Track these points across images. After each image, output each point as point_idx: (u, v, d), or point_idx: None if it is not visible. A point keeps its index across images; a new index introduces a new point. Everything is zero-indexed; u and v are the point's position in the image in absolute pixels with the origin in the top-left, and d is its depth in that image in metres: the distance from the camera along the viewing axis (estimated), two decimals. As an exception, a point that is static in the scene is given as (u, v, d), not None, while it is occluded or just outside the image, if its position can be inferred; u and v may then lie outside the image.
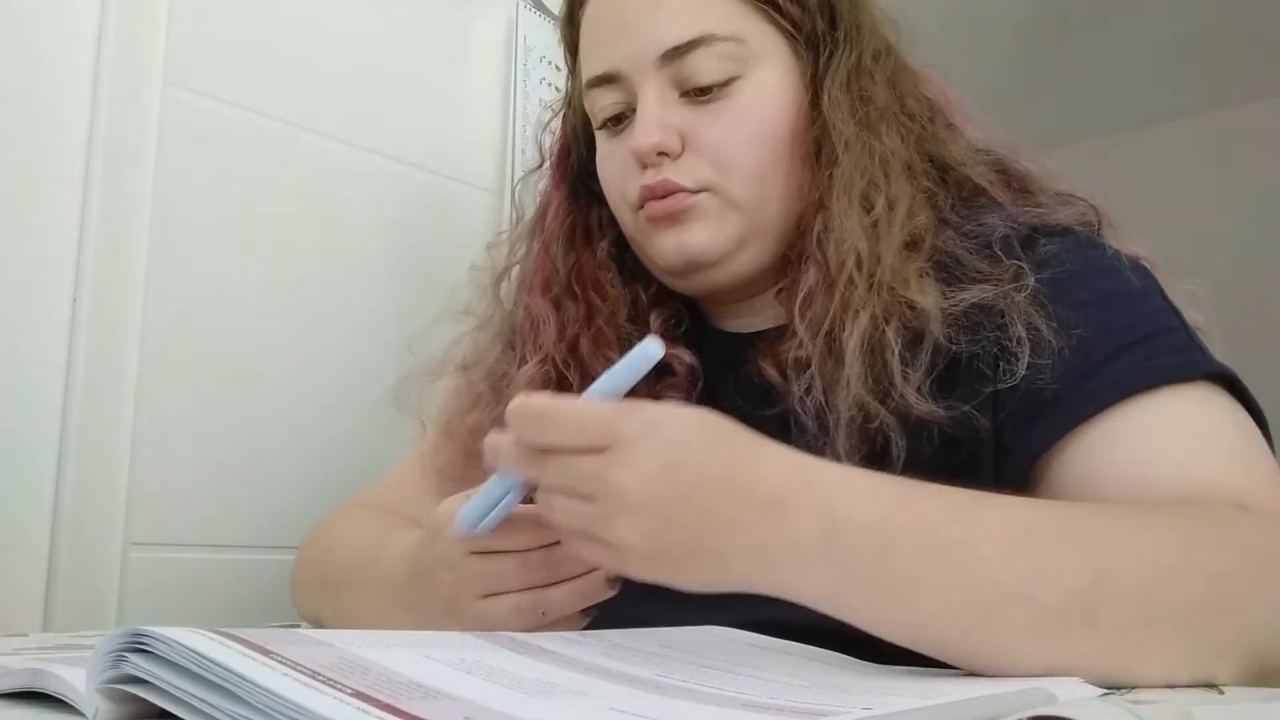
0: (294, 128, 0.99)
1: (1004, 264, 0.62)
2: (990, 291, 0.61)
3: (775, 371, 0.66)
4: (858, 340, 0.62)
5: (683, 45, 0.68)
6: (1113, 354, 0.58)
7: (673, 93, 0.69)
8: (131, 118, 0.87)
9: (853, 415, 0.61)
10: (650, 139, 0.68)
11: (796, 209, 0.69)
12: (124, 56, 0.87)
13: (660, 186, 0.69)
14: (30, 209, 0.82)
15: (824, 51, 0.70)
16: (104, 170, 0.85)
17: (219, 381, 0.92)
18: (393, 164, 1.07)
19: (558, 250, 0.79)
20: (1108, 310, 0.60)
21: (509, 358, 0.78)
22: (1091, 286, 0.61)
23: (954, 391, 0.60)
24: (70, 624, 0.81)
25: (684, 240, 0.69)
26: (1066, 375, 0.58)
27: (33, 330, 0.82)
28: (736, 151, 0.68)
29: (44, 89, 0.83)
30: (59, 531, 0.82)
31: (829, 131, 0.68)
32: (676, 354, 0.74)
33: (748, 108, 0.69)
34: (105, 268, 0.85)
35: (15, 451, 0.80)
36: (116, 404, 0.85)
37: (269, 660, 0.32)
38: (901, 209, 0.65)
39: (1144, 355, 0.57)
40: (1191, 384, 0.57)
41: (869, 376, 0.61)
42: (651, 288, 0.77)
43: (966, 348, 0.61)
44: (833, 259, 0.65)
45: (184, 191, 0.90)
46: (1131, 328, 0.59)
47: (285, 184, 0.98)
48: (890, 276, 0.63)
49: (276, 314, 0.97)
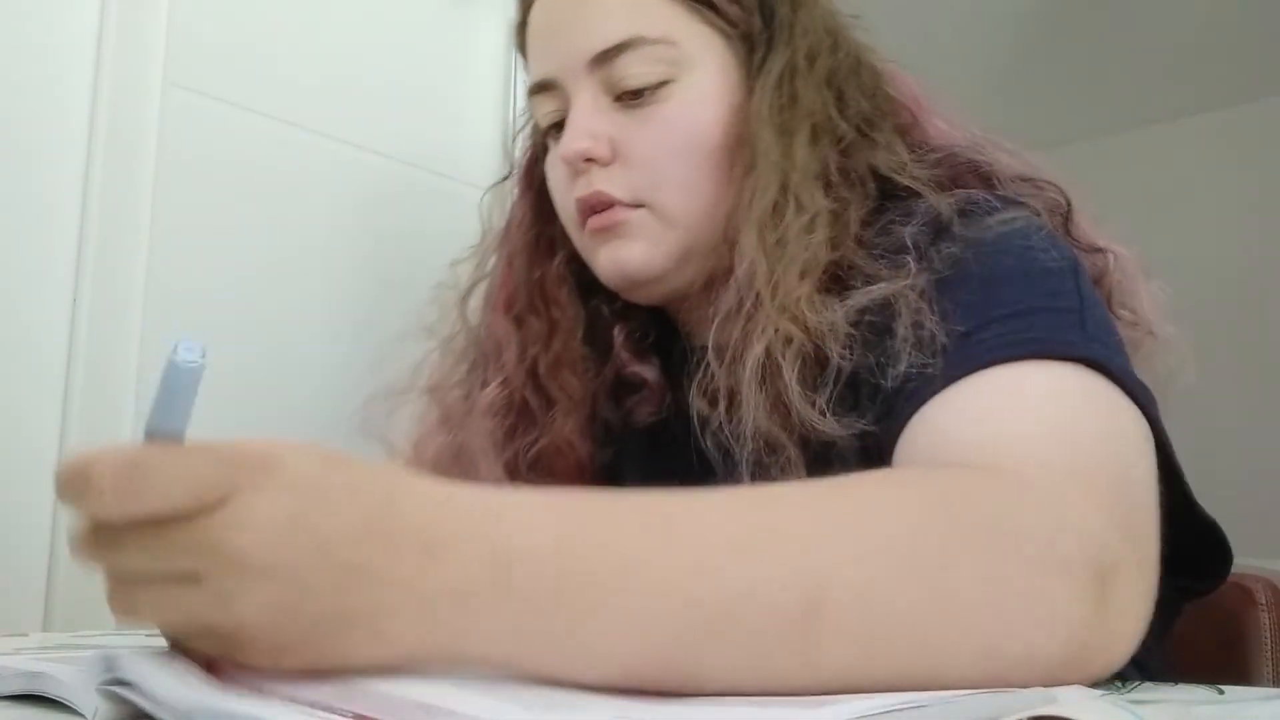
0: (294, 127, 0.99)
1: (906, 263, 0.59)
2: (884, 292, 0.58)
3: (701, 401, 0.63)
4: (753, 368, 0.59)
5: (611, 48, 0.66)
6: (981, 325, 0.54)
7: (605, 98, 0.67)
8: (131, 118, 0.87)
9: (756, 446, 0.58)
10: (576, 145, 0.66)
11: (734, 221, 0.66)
12: (124, 56, 0.87)
13: (593, 197, 0.67)
14: (30, 209, 0.82)
15: (758, 52, 0.68)
16: (104, 170, 0.85)
17: (219, 382, 0.92)
18: (394, 164, 1.07)
19: (521, 264, 0.77)
20: (993, 288, 0.56)
21: (474, 378, 0.77)
22: (987, 264, 0.58)
23: (858, 408, 0.58)
24: (70, 624, 0.81)
25: (619, 256, 0.68)
26: (940, 359, 0.54)
27: (33, 330, 0.82)
28: (667, 164, 0.66)
29: (44, 88, 0.83)
30: (59, 531, 0.82)
31: (749, 140, 0.65)
32: (640, 370, 0.73)
33: (678, 114, 0.66)
34: (105, 267, 0.85)
35: (15, 451, 0.80)
36: (116, 404, 0.85)
37: (265, 699, 0.31)
38: (802, 224, 0.63)
39: (1011, 330, 0.53)
40: (1059, 363, 0.52)
41: (768, 404, 0.59)
42: (615, 301, 0.75)
43: (862, 360, 0.58)
44: (742, 281, 0.62)
45: (184, 191, 0.90)
46: (1012, 302, 0.55)
47: (286, 183, 0.98)
48: (784, 297, 0.60)
49: (277, 313, 0.97)
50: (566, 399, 0.74)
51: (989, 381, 0.52)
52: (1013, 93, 2.42)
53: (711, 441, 0.62)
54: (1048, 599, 0.41)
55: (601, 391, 0.76)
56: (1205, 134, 2.57)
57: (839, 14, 0.73)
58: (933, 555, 0.40)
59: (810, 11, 0.70)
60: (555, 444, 0.74)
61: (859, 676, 0.39)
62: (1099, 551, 0.43)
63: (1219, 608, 0.75)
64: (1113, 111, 2.56)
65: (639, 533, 0.39)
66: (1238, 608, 0.77)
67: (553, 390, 0.74)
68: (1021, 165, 0.68)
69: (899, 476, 0.47)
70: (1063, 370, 0.51)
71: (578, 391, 0.75)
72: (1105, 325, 0.56)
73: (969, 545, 0.41)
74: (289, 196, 0.98)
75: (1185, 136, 2.59)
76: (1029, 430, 0.48)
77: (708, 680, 0.38)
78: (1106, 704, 0.34)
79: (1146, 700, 0.38)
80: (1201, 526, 0.58)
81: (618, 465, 0.77)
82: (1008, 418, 0.50)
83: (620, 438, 0.77)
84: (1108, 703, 0.35)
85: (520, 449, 0.74)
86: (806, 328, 0.59)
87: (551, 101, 0.70)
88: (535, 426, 0.74)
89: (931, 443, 0.52)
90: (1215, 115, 2.54)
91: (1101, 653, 0.42)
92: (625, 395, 0.76)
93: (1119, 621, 0.43)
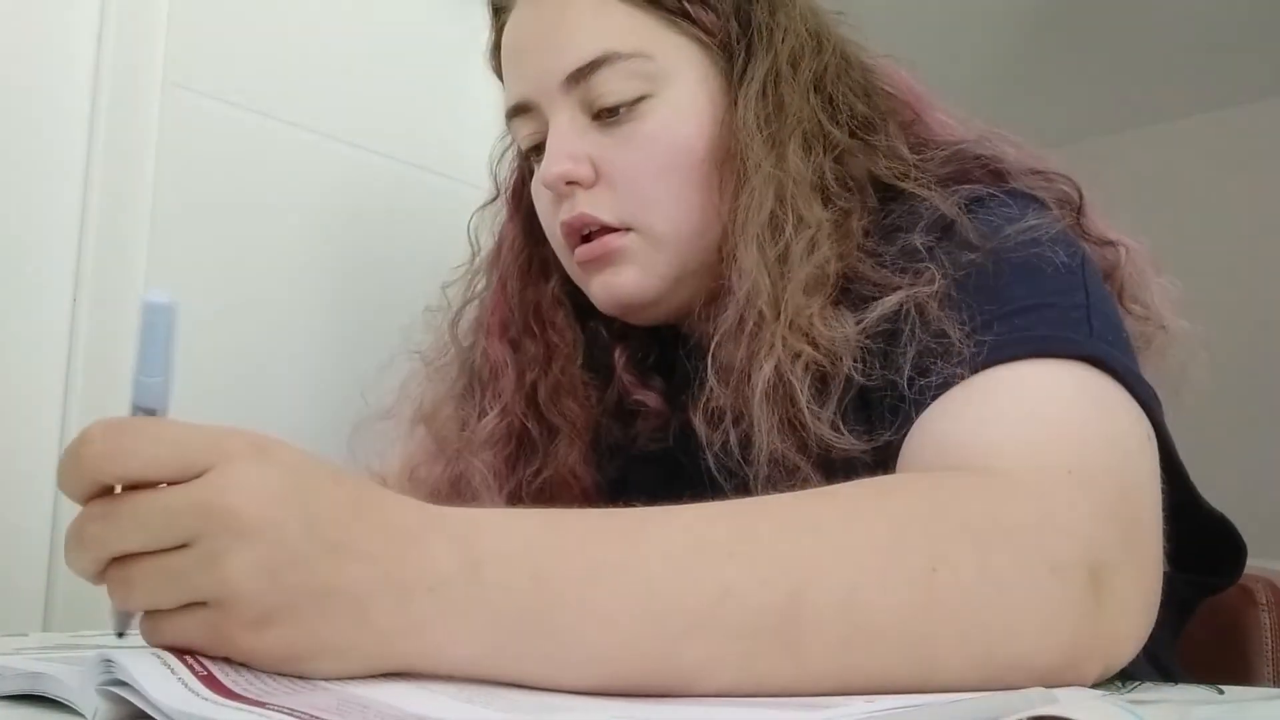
0: (294, 127, 0.99)
1: (917, 266, 0.58)
2: (896, 301, 0.57)
3: (702, 422, 0.61)
4: (763, 389, 0.57)
5: (585, 66, 0.64)
6: (985, 325, 0.53)
7: (583, 117, 0.65)
8: (131, 118, 0.87)
9: (770, 471, 0.57)
10: (556, 168, 0.64)
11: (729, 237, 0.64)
12: (124, 56, 0.87)
13: (578, 220, 0.65)
14: (30, 209, 0.82)
15: (738, 60, 0.65)
16: (104, 170, 0.85)
17: (219, 382, 0.92)
18: (394, 163, 1.07)
19: (514, 287, 0.75)
20: (999, 286, 0.55)
21: (469, 404, 0.75)
22: (994, 264, 0.57)
23: (873, 421, 0.56)
24: (70, 624, 0.81)
25: (612, 283, 0.66)
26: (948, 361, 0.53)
27: (33, 330, 0.82)
28: (652, 184, 0.64)
29: (44, 88, 0.83)
30: (59, 532, 0.82)
31: (739, 152, 0.63)
32: (643, 396, 0.71)
33: (659, 131, 0.64)
34: (105, 268, 0.85)
35: (15, 451, 0.80)
36: (116, 404, 0.85)
37: (265, 713, 0.31)
38: (805, 238, 0.60)
39: (1015, 328, 0.52)
40: (1062, 361, 0.51)
41: (780, 425, 0.57)
42: (614, 322, 0.73)
43: (880, 373, 0.57)
44: (741, 299, 0.60)
45: (184, 191, 0.90)
46: (1017, 300, 0.54)
47: (286, 183, 0.98)
48: (794, 314, 0.59)
49: (277, 313, 0.97)
50: (569, 426, 0.72)
51: (991, 382, 0.51)
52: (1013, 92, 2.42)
53: (716, 464, 0.60)
54: (1041, 601, 0.40)
55: (605, 415, 0.74)
56: (1205, 134, 2.57)
57: (821, 12, 0.70)
58: (919, 556, 0.40)
59: (789, 12, 0.67)
60: (560, 475, 0.72)
61: (846, 676, 0.38)
62: (1095, 552, 0.42)
63: (1219, 608, 0.75)
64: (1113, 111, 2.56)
65: (612, 537, 0.39)
66: (1238, 608, 0.77)
67: (554, 418, 0.72)
68: (1030, 158, 0.67)
69: (886, 482, 0.46)
70: (1066, 369, 0.51)
71: (580, 418, 0.73)
72: (1112, 323, 0.55)
73: (958, 547, 0.41)
74: (288, 196, 0.98)
75: (1185, 136, 2.59)
76: (1028, 432, 0.48)
77: (691, 682, 0.38)
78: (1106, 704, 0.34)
79: (1146, 700, 0.38)
80: (1211, 523, 0.58)
81: (624, 490, 0.75)
82: (1007, 419, 0.49)
83: (625, 461, 0.74)
84: (1108, 703, 0.35)
85: (523, 479, 0.72)
86: (817, 344, 0.58)
87: (530, 124, 0.68)
88: (537, 456, 0.72)
89: (932, 447, 0.51)
90: (1215, 115, 2.54)
91: (1099, 654, 0.42)
92: (629, 418, 0.74)
93: (1116, 622, 0.42)
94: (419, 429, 0.77)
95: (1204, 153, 2.55)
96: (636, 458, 0.74)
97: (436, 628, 0.37)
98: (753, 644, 0.38)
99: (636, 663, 0.37)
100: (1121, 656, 0.43)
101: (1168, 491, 0.50)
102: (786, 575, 0.39)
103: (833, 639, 0.38)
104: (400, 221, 1.07)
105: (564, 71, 0.65)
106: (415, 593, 0.36)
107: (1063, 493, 0.44)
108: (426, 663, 0.37)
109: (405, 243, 1.07)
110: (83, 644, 0.60)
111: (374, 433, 0.78)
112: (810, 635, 0.38)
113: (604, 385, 0.74)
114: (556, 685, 0.38)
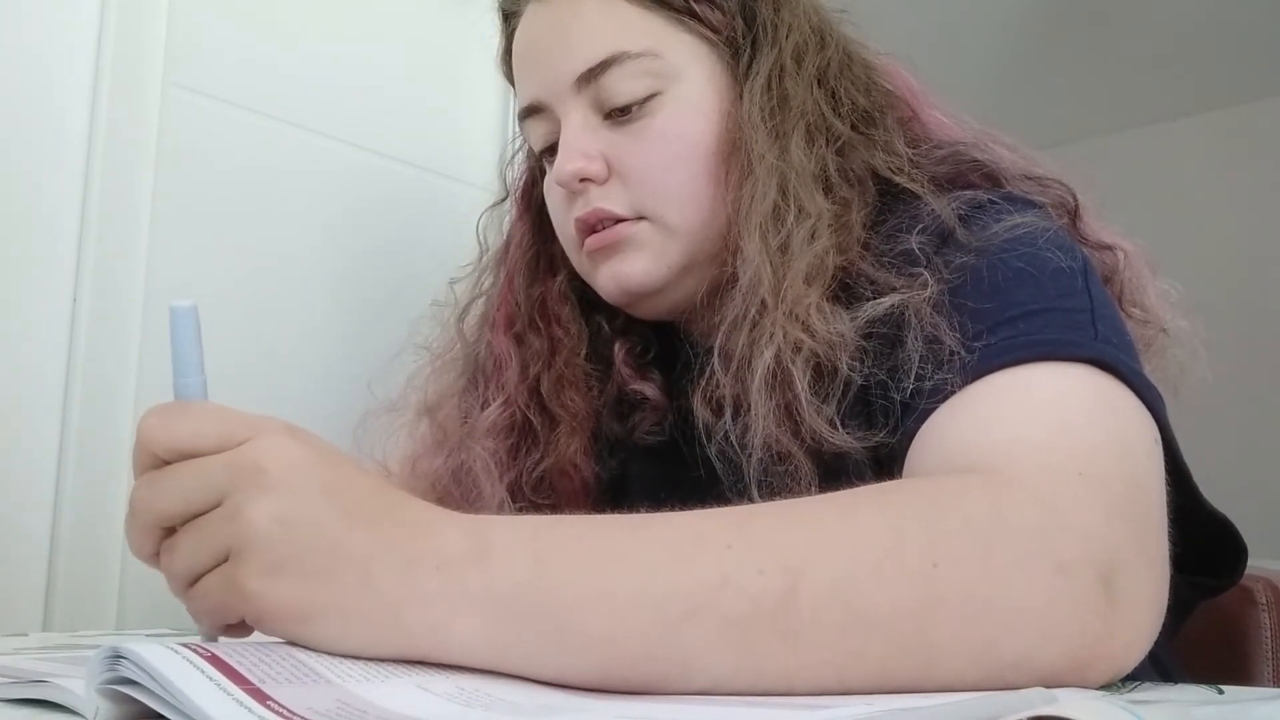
0: (294, 127, 0.99)
1: (915, 271, 0.58)
2: (894, 303, 0.57)
3: (706, 409, 0.63)
4: (762, 377, 0.58)
5: (595, 67, 0.65)
6: (989, 329, 0.53)
7: (595, 116, 0.67)
8: (131, 118, 0.87)
9: (764, 456, 0.58)
10: (570, 166, 0.66)
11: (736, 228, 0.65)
12: (124, 56, 0.87)
13: (592, 215, 0.67)
14: (30, 208, 0.82)
15: (744, 56, 0.67)
16: (104, 170, 0.85)
17: (219, 382, 0.92)
18: (394, 163, 1.07)
19: (521, 284, 0.77)
20: (1002, 292, 0.55)
21: (472, 397, 0.76)
22: (995, 269, 0.57)
23: (870, 421, 0.57)
24: (70, 624, 0.81)
25: (619, 270, 0.67)
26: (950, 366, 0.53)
27: (33, 330, 0.82)
28: (664, 176, 0.66)
29: (44, 89, 0.83)
30: (59, 531, 0.82)
31: (744, 145, 0.64)
32: (641, 388, 0.72)
33: (670, 126, 0.66)
34: (105, 267, 0.85)
35: (15, 451, 0.80)
36: (116, 404, 0.85)
37: (265, 710, 0.31)
38: (806, 228, 0.61)
39: (1020, 332, 0.53)
40: (1067, 364, 0.51)
41: (778, 412, 0.58)
42: (616, 318, 0.75)
43: (873, 373, 0.58)
44: (745, 287, 0.62)
45: (184, 191, 0.90)
46: (1021, 305, 0.54)
47: (286, 184, 0.98)
48: (793, 304, 0.59)
49: (277, 312, 0.97)
50: (570, 418, 0.74)
51: (996, 386, 0.51)
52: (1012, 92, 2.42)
53: (716, 451, 0.61)
54: (1047, 601, 0.40)
55: (605, 408, 0.76)
56: (1205, 134, 2.57)
57: (824, 10, 0.72)
58: (919, 554, 0.40)
59: (793, 10, 0.69)
60: (560, 465, 0.74)
61: (843, 667, 0.39)
62: (1103, 553, 0.42)
63: (1219, 608, 0.75)
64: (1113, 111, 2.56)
65: (615, 529, 0.41)
66: (1238, 608, 0.77)
67: (556, 409, 0.73)
68: (1025, 162, 0.67)
69: (890, 485, 0.46)
70: (1071, 371, 0.51)
71: (581, 410, 0.74)
72: (1115, 326, 0.56)
73: (959, 543, 0.41)
74: (289, 196, 0.98)
75: (1185, 136, 2.59)
76: (1035, 434, 0.48)
77: (688, 667, 0.39)
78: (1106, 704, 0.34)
79: (1146, 700, 0.38)
80: (1213, 524, 0.58)
81: (623, 481, 0.77)
82: (1014, 422, 0.49)
83: (625, 453, 0.76)
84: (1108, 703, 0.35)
85: (524, 469, 0.74)
86: (815, 336, 0.58)
87: (542, 125, 0.70)
88: (538, 446, 0.74)
89: (938, 450, 0.51)
90: (1215, 115, 2.54)
91: (1108, 655, 0.42)
92: (629, 411, 0.75)
93: (1127, 624, 0.42)
94: (423, 422, 0.78)
95: (1204, 153, 2.54)
96: (636, 450, 0.75)
97: (440, 603, 0.38)
98: (750, 631, 0.39)
99: (634, 645, 0.39)
100: (1133, 657, 0.43)
101: (1170, 493, 0.50)
102: (784, 565, 0.40)
103: (830, 628, 0.39)
104: (399, 221, 1.07)
105: (575, 72, 0.66)
106: (422, 566, 0.39)
107: (1072, 494, 0.44)
108: (432, 637, 0.38)
109: (405, 242, 1.07)
110: (83, 644, 0.60)
111: (378, 427, 0.79)
112: (807, 623, 0.39)
113: (606, 379, 0.76)
114: (555, 665, 0.39)
